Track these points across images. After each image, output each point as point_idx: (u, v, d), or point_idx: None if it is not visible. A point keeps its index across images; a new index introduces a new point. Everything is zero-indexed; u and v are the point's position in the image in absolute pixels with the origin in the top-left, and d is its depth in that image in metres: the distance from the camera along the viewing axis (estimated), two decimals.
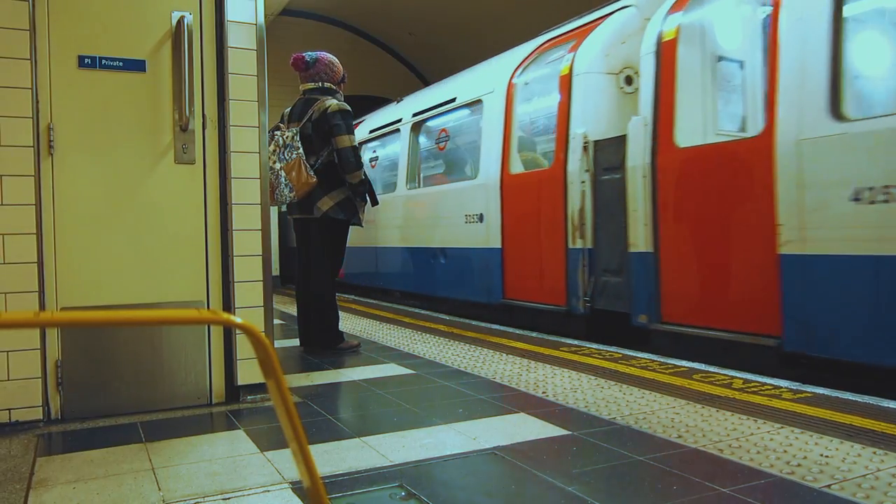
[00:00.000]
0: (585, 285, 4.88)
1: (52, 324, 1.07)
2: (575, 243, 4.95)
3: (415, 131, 7.83)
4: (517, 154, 5.85)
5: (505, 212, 5.76)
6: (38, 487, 2.08)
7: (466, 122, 7.13)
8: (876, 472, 2.02)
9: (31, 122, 2.76)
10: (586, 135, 4.89)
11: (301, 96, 4.42)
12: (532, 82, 5.94)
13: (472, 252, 6.25)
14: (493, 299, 5.94)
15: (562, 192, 5.05)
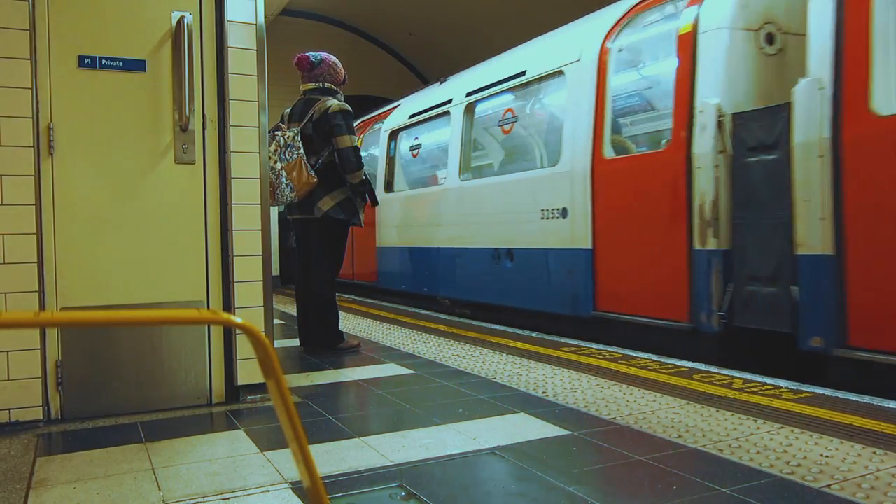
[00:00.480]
0: (719, 296, 3.91)
1: (52, 324, 1.07)
2: (704, 243, 3.96)
3: (469, 113, 6.67)
4: (612, 135, 4.90)
5: (597, 205, 4.77)
6: (38, 487, 2.08)
7: (541, 99, 6.12)
8: (876, 472, 2.02)
9: (31, 122, 2.76)
10: (721, 106, 3.92)
11: (302, 96, 4.43)
12: (634, 46, 4.96)
13: (550, 254, 5.25)
14: (581, 311, 4.92)
15: (683, 178, 4.07)
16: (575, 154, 4.98)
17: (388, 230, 8.03)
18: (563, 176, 5.10)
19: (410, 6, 12.31)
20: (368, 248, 8.57)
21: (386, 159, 8.26)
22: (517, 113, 6.27)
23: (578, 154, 4.94)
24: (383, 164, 8.28)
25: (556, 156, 5.31)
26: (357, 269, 9.09)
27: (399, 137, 8.30)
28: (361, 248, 8.76)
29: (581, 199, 4.90)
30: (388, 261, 8.09)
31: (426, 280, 7.21)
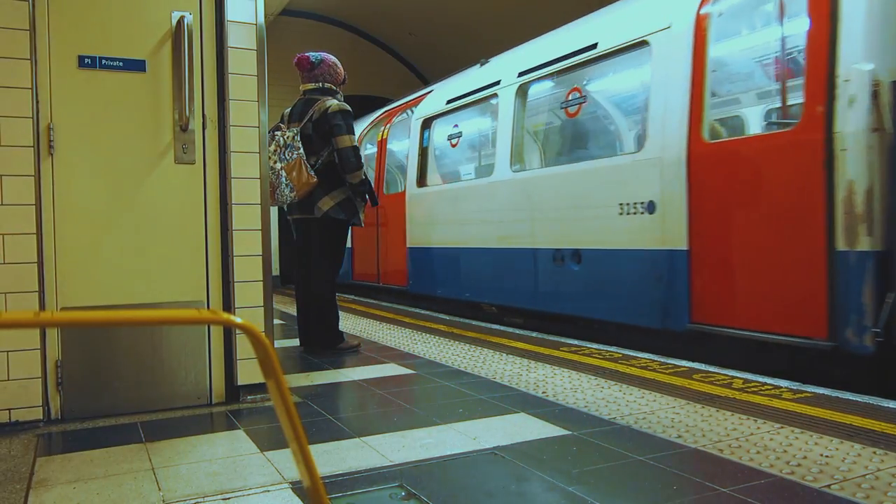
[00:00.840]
0: (874, 309, 3.16)
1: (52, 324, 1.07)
2: (853, 243, 3.22)
3: (522, 95, 5.83)
4: (713, 115, 4.23)
5: (695, 197, 4.03)
6: (38, 487, 2.08)
7: (617, 75, 5.30)
8: (876, 472, 2.02)
9: (31, 122, 2.76)
10: (876, 74, 3.20)
11: (301, 96, 4.43)
12: (740, 8, 4.27)
13: (630, 255, 4.47)
14: (673, 324, 4.19)
15: (820, 164, 3.33)
16: (665, 138, 4.22)
17: (422, 229, 7.29)
18: (649, 164, 4.30)
19: (411, 6, 12.30)
20: (397, 249, 7.87)
21: (418, 151, 7.45)
22: (586, 92, 5.35)
23: (670, 138, 4.18)
24: (415, 156, 7.50)
25: (638, 141, 4.57)
26: (384, 271, 8.42)
27: (434, 126, 7.51)
28: (389, 249, 8.17)
29: (674, 191, 4.13)
30: (421, 263, 7.33)
31: (468, 285, 6.44)
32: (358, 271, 9.19)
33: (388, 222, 8.14)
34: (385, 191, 8.40)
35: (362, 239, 8.92)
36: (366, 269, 8.91)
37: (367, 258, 8.85)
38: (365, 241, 8.88)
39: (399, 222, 7.72)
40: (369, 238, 8.74)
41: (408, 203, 7.57)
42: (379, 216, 8.34)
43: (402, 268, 7.74)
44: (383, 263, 8.34)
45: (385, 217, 8.24)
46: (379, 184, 8.49)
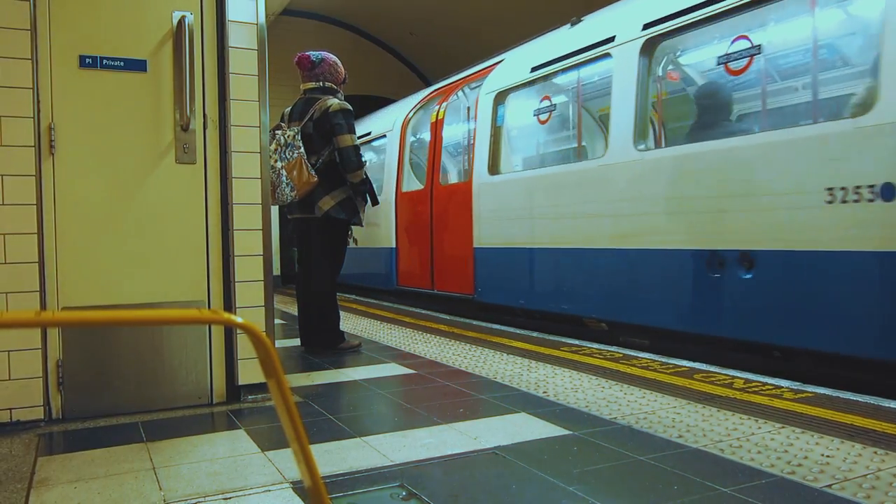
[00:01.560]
0: None
1: (53, 323, 1.07)
2: None
3: (649, 52, 4.56)
4: None
5: None
6: (39, 487, 2.08)
7: (812, 18, 3.85)
8: (877, 472, 2.02)
9: (32, 121, 2.77)
10: None
11: (302, 95, 4.43)
12: None
13: (849, 260, 3.34)
14: None
15: None
16: None
17: (496, 225, 6.00)
18: (884, 133, 3.20)
19: (411, 6, 12.31)
20: (459, 250, 6.53)
21: (490, 131, 6.14)
22: (759, 41, 4.02)
23: None
24: (485, 138, 6.22)
25: (862, 101, 3.43)
26: (440, 276, 7.01)
27: (511, 100, 6.21)
28: (447, 250, 6.85)
29: None
30: (494, 267, 6.04)
31: (566, 295, 5.17)
32: (404, 276, 7.94)
33: (447, 218, 6.85)
34: (441, 181, 7.17)
35: (410, 238, 7.72)
36: (415, 273, 7.63)
37: (416, 260, 7.59)
38: (414, 241, 7.63)
39: (462, 218, 6.45)
40: (420, 237, 7.48)
41: (476, 194, 6.25)
42: (433, 211, 7.15)
43: (465, 272, 6.40)
44: (439, 267, 7.01)
45: (442, 212, 6.96)
46: (433, 173, 7.24)
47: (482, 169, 6.22)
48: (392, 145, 8.36)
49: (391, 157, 8.31)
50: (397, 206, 8.05)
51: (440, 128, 7.37)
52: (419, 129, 8.22)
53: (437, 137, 7.33)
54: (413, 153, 8.36)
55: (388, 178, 8.26)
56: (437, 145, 7.31)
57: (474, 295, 6.34)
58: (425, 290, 7.37)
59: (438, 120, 7.45)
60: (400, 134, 8.22)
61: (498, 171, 6.13)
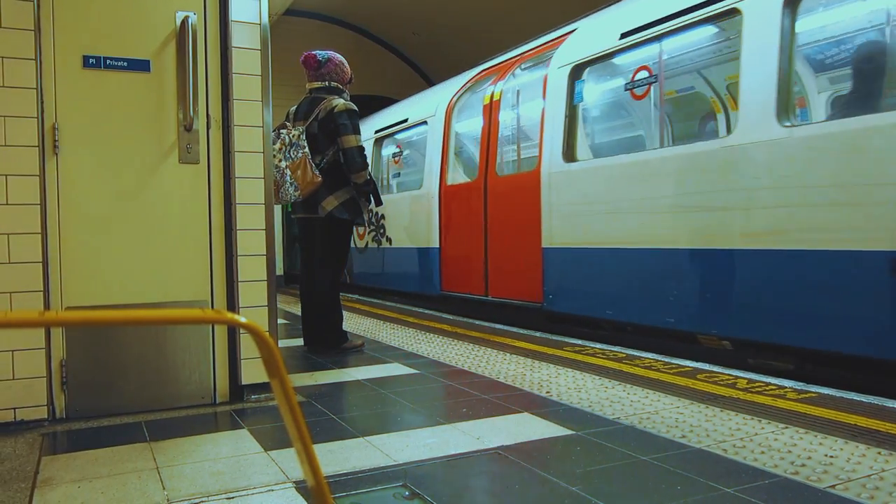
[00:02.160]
0: None
1: (56, 323, 1.08)
2: None
3: (792, 6, 3.67)
4: None
5: None
6: (42, 486, 2.08)
7: None
8: (881, 473, 2.02)
9: (35, 121, 2.77)
10: None
11: (307, 95, 4.42)
12: None
13: None
14: None
15: None
16: None
17: (572, 221, 5.08)
18: None
19: (415, 6, 12.31)
20: (522, 251, 5.62)
21: (565, 111, 5.18)
22: None
23: None
24: (558, 120, 5.27)
25: None
26: (497, 281, 6.05)
27: (592, 74, 5.32)
28: (506, 250, 5.92)
29: None
30: (570, 270, 5.10)
31: (673, 306, 4.25)
32: (450, 280, 6.87)
33: (507, 213, 5.91)
34: (498, 171, 6.15)
35: (458, 237, 6.70)
36: (464, 277, 6.61)
37: (465, 262, 6.55)
38: (463, 240, 6.60)
39: (527, 213, 5.52)
40: (470, 236, 6.43)
41: (546, 186, 5.30)
42: (488, 205, 6.13)
43: (531, 276, 5.47)
44: (495, 270, 6.08)
45: (500, 206, 6.00)
46: (488, 163, 6.27)
47: (554, 156, 5.24)
48: (434, 133, 7.28)
49: (433, 146, 7.25)
50: (441, 202, 6.99)
51: (496, 111, 6.35)
52: (467, 113, 7.23)
53: (493, 122, 6.32)
54: (460, 141, 7.39)
55: (429, 169, 7.24)
56: (492, 131, 6.32)
57: (543, 303, 5.34)
58: (477, 297, 6.33)
59: (493, 102, 6.42)
60: (444, 120, 7.13)
61: (575, 157, 5.15)
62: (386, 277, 8.33)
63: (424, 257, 7.32)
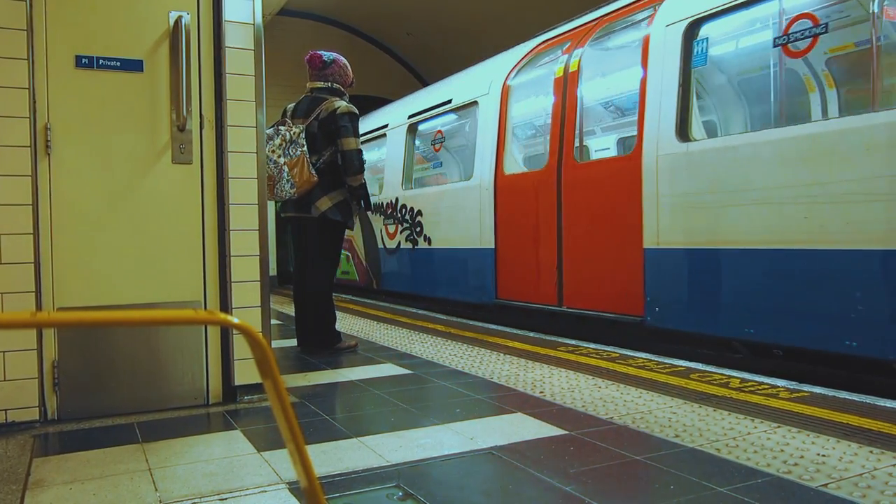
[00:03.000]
0: None
1: (48, 324, 1.08)
2: None
3: None
4: None
5: None
6: (34, 488, 2.07)
7: None
8: (872, 471, 2.03)
9: (28, 121, 2.76)
10: None
11: (308, 93, 4.42)
12: None
13: None
14: None
15: None
16: None
17: (691, 216, 4.12)
18: None
19: (408, 6, 12.31)
20: (612, 252, 4.70)
21: (679, 79, 4.23)
22: None
23: None
24: (667, 88, 4.32)
25: None
26: (574, 289, 5.06)
27: (714, 31, 4.37)
28: (588, 251, 4.93)
29: None
30: (686, 276, 4.18)
31: (859, 325, 3.34)
32: (509, 287, 5.88)
33: (589, 207, 4.93)
34: (577, 157, 5.14)
35: (521, 235, 5.67)
36: (528, 283, 5.59)
37: (530, 266, 5.56)
38: (527, 239, 5.59)
39: (621, 206, 4.62)
40: (537, 234, 5.45)
41: (649, 171, 4.38)
42: (563, 197, 5.12)
43: (626, 284, 4.57)
44: (572, 275, 5.09)
45: (580, 198, 5.00)
46: (562, 147, 5.20)
47: (664, 135, 4.28)
48: (486, 115, 6.28)
49: (485, 129, 6.26)
50: (497, 194, 5.96)
51: (572, 85, 5.25)
52: (530, 90, 6.26)
53: (569, 98, 5.26)
54: (520, 123, 6.51)
55: (481, 157, 6.25)
56: (567, 109, 5.24)
57: (646, 317, 4.39)
58: (545, 307, 5.36)
59: (569, 74, 5.31)
60: (500, 100, 6.14)
61: (693, 135, 4.19)
62: (423, 283, 7.28)
63: (475, 260, 6.32)
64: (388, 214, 8.05)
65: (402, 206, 7.74)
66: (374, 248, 8.46)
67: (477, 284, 6.30)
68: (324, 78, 4.40)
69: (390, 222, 7.99)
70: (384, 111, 9.41)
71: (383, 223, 8.17)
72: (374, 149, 9.07)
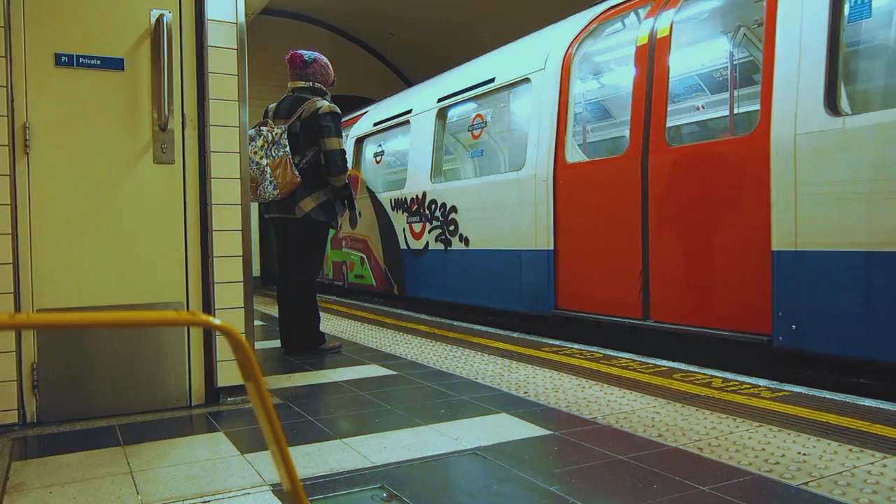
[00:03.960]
0: None
1: (27, 326, 1.06)
2: None
3: None
4: None
5: None
6: (12, 492, 2.04)
7: None
8: (852, 469, 2.05)
9: (6, 120, 2.72)
10: None
11: (290, 93, 4.40)
12: None
13: None
14: None
15: None
16: None
17: (837, 211, 3.32)
18: None
19: (392, 6, 12.29)
20: (722, 255, 3.91)
21: (827, 35, 3.40)
22: None
23: None
24: (811, 52, 3.46)
25: None
26: (663, 299, 4.30)
27: None
28: (685, 254, 4.14)
29: None
30: (835, 287, 3.34)
31: None
32: (574, 295, 5.06)
33: (687, 199, 4.15)
34: (668, 140, 4.37)
35: (588, 233, 4.91)
36: (599, 291, 4.81)
37: (602, 271, 4.77)
38: (597, 239, 4.81)
39: (735, 198, 3.84)
40: (611, 232, 4.68)
41: (781, 156, 3.55)
42: (650, 190, 4.38)
43: (744, 294, 3.79)
44: (662, 283, 4.31)
45: (672, 190, 4.25)
46: (648, 128, 4.45)
47: (805, 107, 3.46)
48: (542, 94, 5.38)
49: (541, 111, 5.36)
50: (557, 186, 5.13)
51: (663, 53, 4.44)
52: (601, 63, 5.58)
53: (658, 69, 4.45)
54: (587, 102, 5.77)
55: (535, 143, 5.35)
56: (656, 82, 4.45)
57: (776, 336, 3.57)
58: (624, 320, 4.57)
59: (658, 41, 4.49)
60: (560, 75, 5.24)
61: (840, 108, 3.37)
62: (458, 289, 6.43)
63: (528, 263, 5.45)
64: (414, 211, 7.11)
65: (430, 201, 6.80)
66: (394, 250, 7.51)
67: (530, 292, 5.43)
68: (305, 77, 4.37)
69: (416, 220, 7.07)
70: (405, 96, 8.39)
71: (407, 221, 7.23)
72: (393, 139, 8.19)
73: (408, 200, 7.22)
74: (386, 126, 7.98)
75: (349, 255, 8.78)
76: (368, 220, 8.12)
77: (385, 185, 8.28)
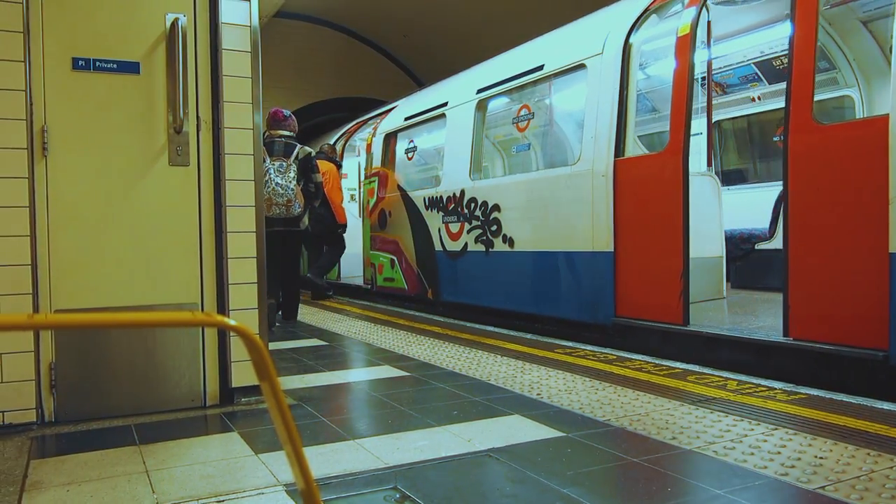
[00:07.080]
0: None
1: (45, 326, 1.07)
2: None
3: None
4: None
5: None
6: (31, 490, 2.07)
7: None
8: (870, 474, 2.03)
9: (24, 124, 2.76)
10: None
11: (278, 139, 5.81)
12: None
13: None
14: None
15: None
16: None
17: None
18: None
19: (404, 8, 12.32)
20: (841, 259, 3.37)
21: None
22: None
23: None
24: None
25: None
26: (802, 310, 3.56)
27: None
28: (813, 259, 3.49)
29: None
30: None
31: None
32: (637, 303, 4.63)
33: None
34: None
35: (654, 234, 4.45)
36: (667, 299, 4.35)
37: (671, 277, 4.31)
38: (662, 241, 4.39)
39: (842, 194, 3.39)
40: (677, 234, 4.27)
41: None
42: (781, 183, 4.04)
43: (852, 304, 3.34)
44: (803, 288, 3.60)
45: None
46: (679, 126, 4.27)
47: None
48: (599, 81, 4.98)
49: (598, 100, 4.96)
50: (617, 183, 4.71)
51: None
52: (666, 49, 5.17)
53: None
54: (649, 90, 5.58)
55: (591, 135, 4.96)
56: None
57: (893, 351, 3.13)
58: (697, 330, 4.16)
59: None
60: (620, 61, 4.84)
61: None
62: (502, 295, 6.01)
63: (582, 267, 5.04)
64: (450, 210, 6.71)
65: (469, 199, 6.40)
66: (428, 252, 7.13)
67: (586, 299, 4.99)
68: (287, 128, 5.95)
69: (453, 220, 6.67)
70: (438, 88, 7.96)
71: (442, 221, 6.84)
72: (427, 133, 7.73)
73: (444, 199, 6.86)
74: (419, 120, 7.62)
75: (378, 258, 8.36)
76: (399, 219, 7.72)
77: (418, 183, 7.93)
